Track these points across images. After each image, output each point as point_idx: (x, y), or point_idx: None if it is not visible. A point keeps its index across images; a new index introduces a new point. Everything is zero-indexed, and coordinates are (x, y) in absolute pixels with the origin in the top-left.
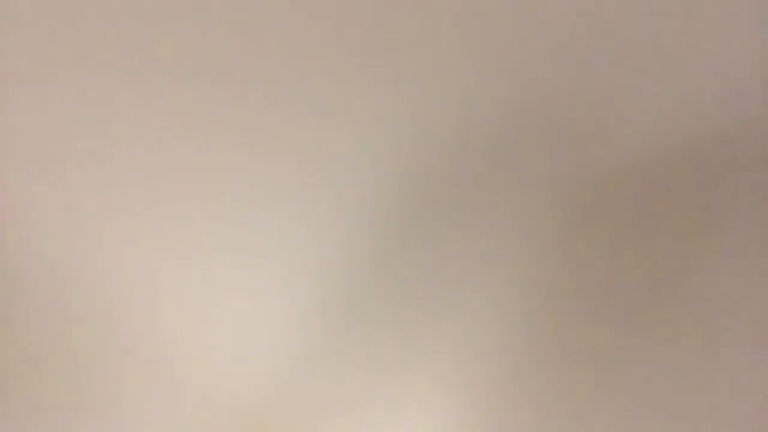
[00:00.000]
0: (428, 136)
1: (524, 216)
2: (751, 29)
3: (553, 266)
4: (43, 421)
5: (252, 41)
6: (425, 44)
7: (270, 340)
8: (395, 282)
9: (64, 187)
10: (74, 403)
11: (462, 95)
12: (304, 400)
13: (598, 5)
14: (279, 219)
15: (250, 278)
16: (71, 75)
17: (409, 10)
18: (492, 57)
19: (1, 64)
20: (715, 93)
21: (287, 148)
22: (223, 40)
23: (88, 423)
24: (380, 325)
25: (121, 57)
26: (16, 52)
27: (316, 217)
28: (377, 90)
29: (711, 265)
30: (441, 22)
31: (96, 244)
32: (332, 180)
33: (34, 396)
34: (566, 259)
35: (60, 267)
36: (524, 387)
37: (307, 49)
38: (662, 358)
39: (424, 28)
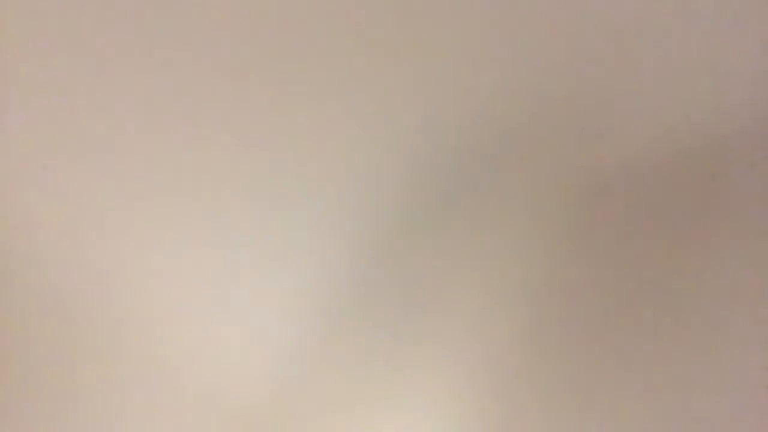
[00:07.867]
0: (429, 138)
1: (525, 216)
2: (751, 29)
3: (553, 266)
4: (41, 420)
5: (252, 40)
6: (426, 45)
7: (270, 339)
8: (396, 281)
9: (64, 187)
10: (72, 403)
11: (462, 96)
12: (304, 400)
13: (598, 6)
14: (279, 219)
15: (249, 278)
16: (70, 75)
17: (409, 10)
18: (492, 58)
19: (2, 64)
20: (714, 93)
21: (287, 148)
22: (223, 39)
23: (85, 423)
24: (381, 324)
25: (119, 56)
26: (16, 52)
27: (316, 217)
28: (377, 92)
29: (711, 264)
30: (441, 23)
31: (96, 244)
32: (332, 181)
33: (32, 395)
34: (567, 258)
35: (59, 266)
36: (525, 386)
37: (307, 49)
38: (663, 356)
39: (424, 29)
